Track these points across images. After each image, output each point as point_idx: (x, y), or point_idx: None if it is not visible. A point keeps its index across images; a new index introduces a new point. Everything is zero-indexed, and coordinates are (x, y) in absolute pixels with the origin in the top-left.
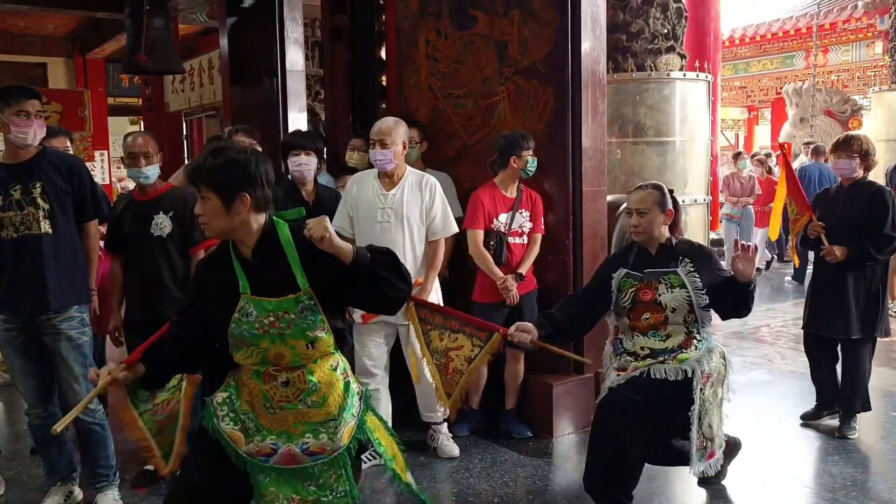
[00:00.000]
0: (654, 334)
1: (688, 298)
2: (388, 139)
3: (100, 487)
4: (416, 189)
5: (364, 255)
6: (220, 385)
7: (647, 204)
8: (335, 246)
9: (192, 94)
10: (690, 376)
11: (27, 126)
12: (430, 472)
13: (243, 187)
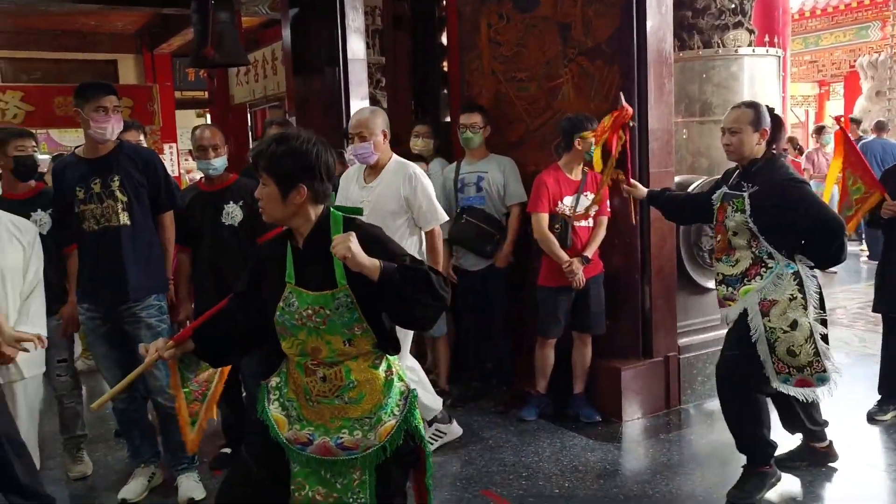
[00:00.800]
0: (727, 259)
1: (747, 224)
2: (366, 131)
3: (180, 470)
4: (394, 179)
5: (392, 273)
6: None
7: (740, 123)
8: (360, 264)
9: (257, 86)
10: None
11: (105, 121)
12: (498, 455)
13: (301, 178)
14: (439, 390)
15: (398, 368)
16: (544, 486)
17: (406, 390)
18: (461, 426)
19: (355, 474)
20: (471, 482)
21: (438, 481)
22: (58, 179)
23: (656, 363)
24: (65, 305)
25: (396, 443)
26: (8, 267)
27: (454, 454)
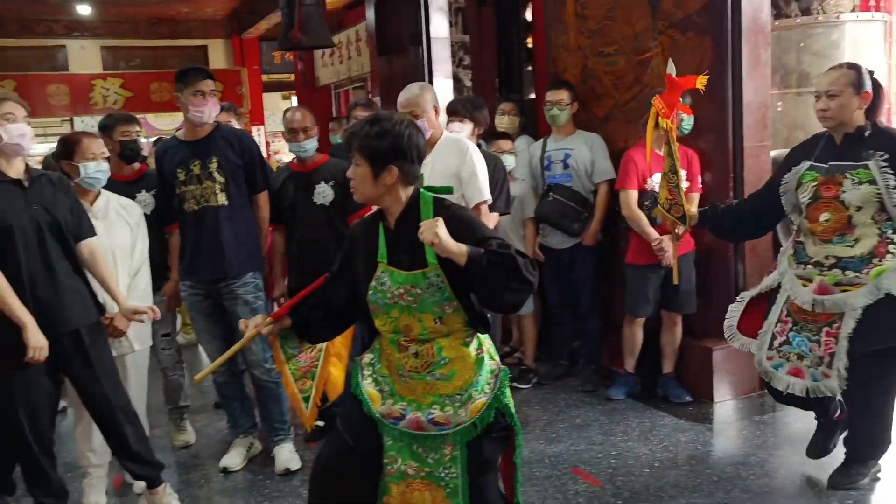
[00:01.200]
0: (840, 240)
1: (878, 196)
2: (418, 109)
3: (277, 441)
4: (447, 154)
5: (479, 259)
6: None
7: (839, 85)
8: (447, 250)
9: (341, 67)
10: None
11: (203, 105)
12: (585, 434)
13: (393, 159)
14: (525, 368)
15: (489, 347)
16: (633, 466)
17: (497, 368)
18: (548, 404)
19: (446, 449)
20: (559, 460)
21: (526, 458)
22: (160, 162)
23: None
24: (167, 282)
25: (487, 420)
26: (118, 246)
27: (541, 432)
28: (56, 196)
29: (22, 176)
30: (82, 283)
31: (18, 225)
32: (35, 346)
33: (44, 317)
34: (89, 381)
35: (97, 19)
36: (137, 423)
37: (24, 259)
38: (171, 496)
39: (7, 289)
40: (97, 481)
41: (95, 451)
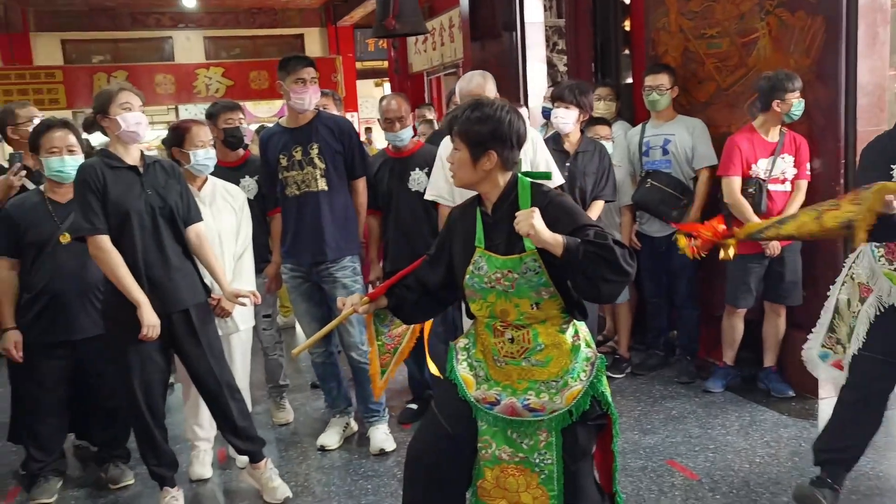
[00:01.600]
0: None
1: None
2: (484, 97)
3: (372, 421)
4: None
5: (575, 250)
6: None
7: None
8: (542, 241)
9: (434, 54)
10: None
11: (304, 92)
12: (682, 426)
13: (492, 144)
14: (619, 357)
15: (585, 334)
16: (733, 461)
17: (593, 356)
18: (642, 394)
19: (541, 435)
20: (654, 452)
21: (620, 449)
22: (264, 148)
23: None
24: (269, 265)
25: (582, 407)
26: (223, 230)
27: (636, 422)
28: (168, 182)
29: (137, 162)
30: (191, 265)
31: (135, 209)
32: (148, 324)
33: (156, 296)
34: (198, 358)
35: (201, 10)
36: (241, 399)
37: (140, 241)
38: (272, 471)
39: (124, 269)
40: (203, 454)
41: (202, 425)
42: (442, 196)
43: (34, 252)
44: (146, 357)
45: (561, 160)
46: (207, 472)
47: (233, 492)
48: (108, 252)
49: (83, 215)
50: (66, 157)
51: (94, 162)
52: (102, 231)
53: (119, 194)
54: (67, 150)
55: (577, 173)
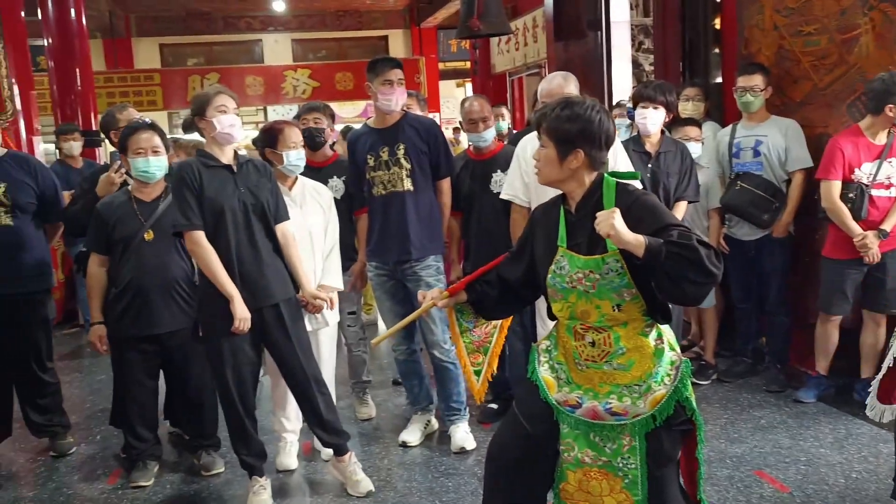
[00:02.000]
0: None
1: None
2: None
3: (453, 420)
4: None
5: (657, 251)
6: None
7: None
8: (624, 242)
9: (517, 54)
10: None
11: (391, 93)
12: (771, 436)
13: (580, 143)
14: (704, 363)
15: (669, 337)
16: (827, 475)
17: (678, 360)
18: (729, 402)
19: (624, 440)
20: (742, 461)
21: (706, 456)
22: (352, 148)
23: None
24: (354, 263)
25: (666, 413)
26: (313, 228)
27: (722, 431)
28: (260, 180)
29: (231, 161)
30: (281, 261)
31: (230, 206)
32: (240, 316)
33: (248, 290)
34: (287, 351)
35: (289, 14)
36: (328, 393)
37: (234, 237)
38: (356, 465)
39: (218, 264)
40: (289, 446)
41: (289, 417)
42: (517, 196)
43: (121, 248)
44: (238, 349)
45: (643, 161)
46: (293, 464)
47: (317, 483)
48: (203, 247)
49: (181, 212)
50: (150, 158)
51: (191, 161)
52: (198, 227)
53: (214, 192)
54: (152, 151)
55: (659, 174)
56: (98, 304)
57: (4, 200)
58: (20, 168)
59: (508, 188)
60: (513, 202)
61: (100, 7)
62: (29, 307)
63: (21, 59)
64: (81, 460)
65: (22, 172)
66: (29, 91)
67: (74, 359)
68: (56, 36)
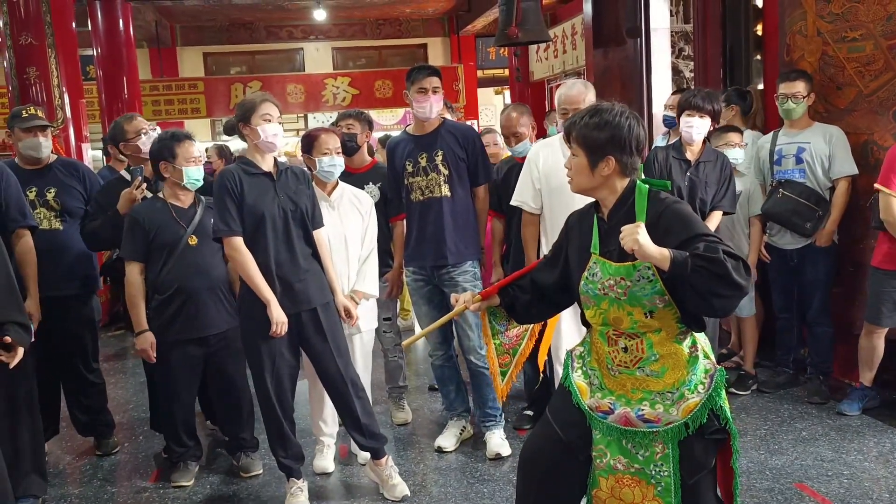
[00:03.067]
0: None
1: None
2: (582, 107)
3: (488, 426)
4: None
5: (682, 265)
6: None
7: None
8: (648, 255)
9: (556, 62)
10: None
11: (425, 101)
12: (813, 448)
13: (611, 150)
14: (744, 373)
15: (703, 345)
16: (871, 489)
17: (712, 368)
18: (769, 413)
19: (657, 447)
20: (782, 473)
21: (745, 468)
22: (391, 154)
23: None
24: (390, 270)
25: (699, 421)
26: (350, 233)
27: (762, 442)
28: (299, 187)
29: (272, 169)
30: (319, 266)
31: (269, 212)
32: (277, 321)
33: (286, 295)
34: (325, 355)
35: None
36: (365, 397)
37: (273, 243)
38: (392, 468)
39: (255, 269)
40: (326, 449)
41: (326, 421)
42: (527, 203)
43: (164, 255)
44: (277, 352)
45: (682, 169)
46: (330, 467)
47: (354, 486)
48: (241, 253)
49: (220, 218)
50: (200, 167)
51: (232, 168)
52: (237, 233)
53: (255, 199)
54: (199, 160)
55: (698, 183)
56: (142, 311)
57: (54, 205)
58: (69, 174)
59: (518, 195)
60: (522, 209)
61: (146, 17)
62: (75, 309)
63: (71, 68)
64: (125, 459)
65: (71, 178)
66: (78, 99)
67: (119, 360)
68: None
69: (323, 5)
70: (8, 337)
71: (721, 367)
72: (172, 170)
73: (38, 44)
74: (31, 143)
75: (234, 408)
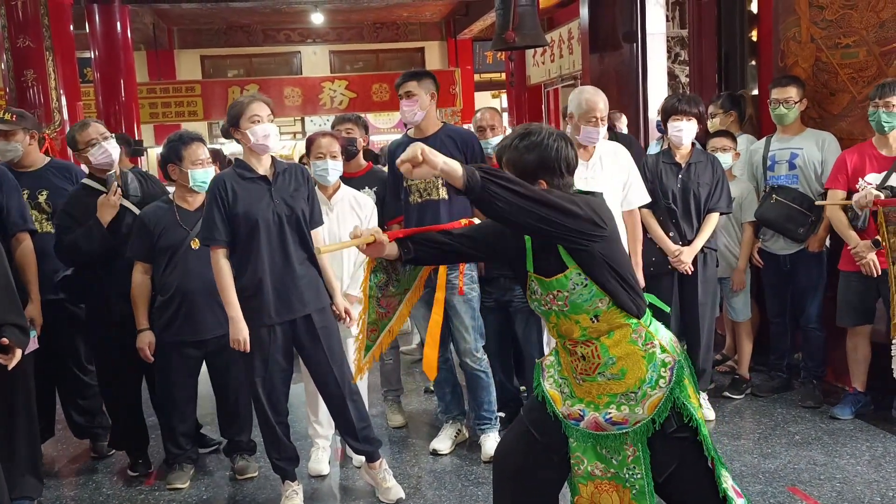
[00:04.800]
0: None
1: None
2: (601, 115)
3: (483, 429)
4: (613, 159)
5: (472, 174)
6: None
7: None
8: (433, 163)
9: (552, 66)
10: None
11: (406, 105)
12: (806, 452)
13: (541, 173)
14: (738, 377)
15: (661, 339)
16: (863, 493)
17: (671, 361)
18: (763, 417)
19: (628, 450)
20: (774, 477)
21: (738, 471)
22: (391, 158)
23: None
24: None
25: (664, 415)
26: (345, 237)
27: (755, 445)
28: (298, 188)
29: (268, 171)
30: (315, 271)
31: (264, 218)
32: (234, 338)
33: (280, 302)
34: (319, 360)
35: (327, 26)
36: (360, 401)
37: (267, 249)
38: (387, 472)
39: (229, 284)
40: (322, 452)
41: (321, 423)
42: None
43: (167, 256)
44: (269, 358)
45: (673, 172)
46: (325, 469)
47: (349, 489)
48: (220, 264)
49: (205, 226)
50: (208, 169)
51: (225, 175)
52: (220, 243)
53: (248, 205)
54: (207, 162)
55: (690, 184)
56: (144, 311)
57: (46, 208)
58: (62, 176)
59: None
60: None
61: (144, 20)
62: (66, 311)
63: (69, 70)
64: (120, 462)
65: (64, 181)
66: (76, 102)
67: None
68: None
69: (321, 9)
70: (5, 339)
71: (681, 360)
72: (179, 172)
73: (36, 47)
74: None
75: (232, 411)
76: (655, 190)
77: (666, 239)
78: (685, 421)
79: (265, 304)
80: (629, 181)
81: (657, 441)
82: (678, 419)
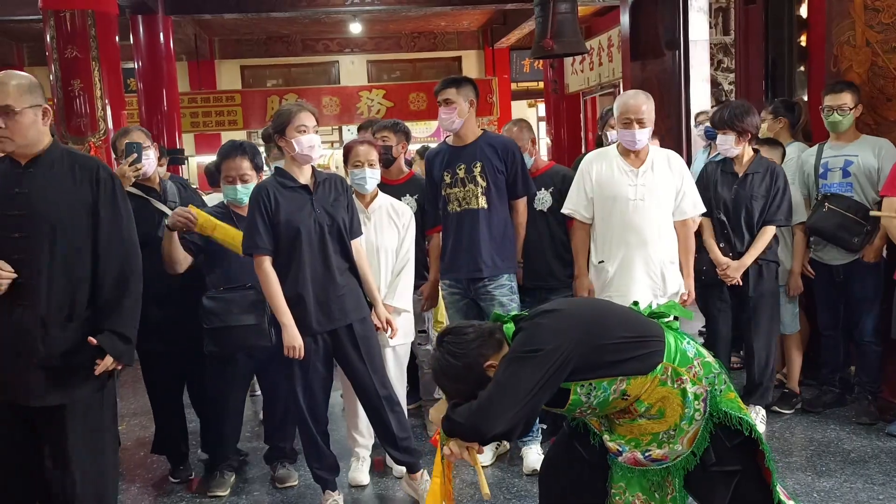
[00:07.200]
0: None
1: None
2: (647, 117)
3: (525, 441)
4: (666, 166)
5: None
6: None
7: None
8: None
9: (591, 74)
10: None
11: (445, 113)
12: (863, 471)
13: (480, 362)
14: (788, 391)
15: (686, 374)
16: None
17: (703, 393)
18: (815, 433)
19: (668, 487)
20: (831, 496)
21: (791, 488)
22: (430, 165)
23: None
24: (425, 283)
25: (703, 446)
26: (383, 245)
27: (807, 463)
28: (338, 198)
29: (309, 181)
30: (356, 280)
31: (305, 227)
32: (288, 345)
33: (322, 311)
34: (360, 370)
35: (365, 36)
36: (401, 411)
37: (308, 258)
38: (428, 483)
39: (278, 291)
40: (362, 462)
41: (361, 433)
42: (578, 211)
43: (223, 261)
44: (310, 367)
45: (728, 183)
46: (365, 479)
47: (389, 500)
48: (266, 272)
49: (248, 234)
50: (238, 186)
51: (267, 183)
52: (264, 251)
53: (290, 213)
54: (241, 179)
55: (743, 196)
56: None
57: None
58: None
59: (570, 203)
60: (574, 217)
61: (186, 31)
62: None
63: (114, 80)
64: (161, 468)
65: None
66: (120, 111)
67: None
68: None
69: (359, 19)
70: (93, 339)
71: (713, 381)
72: (221, 186)
73: (83, 57)
74: None
75: (279, 418)
76: (708, 199)
77: (716, 249)
78: (737, 426)
79: (307, 314)
80: (682, 189)
81: (694, 476)
82: (726, 432)
